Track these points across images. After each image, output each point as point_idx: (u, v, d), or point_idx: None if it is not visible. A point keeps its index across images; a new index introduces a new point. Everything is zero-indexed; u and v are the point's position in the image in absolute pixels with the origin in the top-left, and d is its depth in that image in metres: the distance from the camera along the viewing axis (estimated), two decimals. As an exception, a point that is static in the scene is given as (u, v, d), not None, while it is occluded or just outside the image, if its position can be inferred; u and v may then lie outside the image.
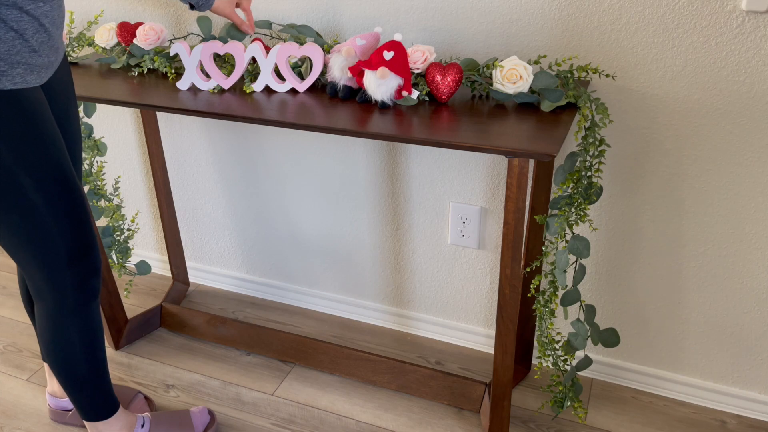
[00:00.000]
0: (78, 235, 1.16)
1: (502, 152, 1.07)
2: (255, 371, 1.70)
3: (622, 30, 1.28)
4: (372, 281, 1.81)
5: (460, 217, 1.60)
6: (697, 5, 1.21)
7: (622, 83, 1.32)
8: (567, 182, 1.23)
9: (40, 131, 1.08)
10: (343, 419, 1.55)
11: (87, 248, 1.19)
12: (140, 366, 1.72)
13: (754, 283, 1.40)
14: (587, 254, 1.24)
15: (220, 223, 1.94)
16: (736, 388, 1.52)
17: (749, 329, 1.45)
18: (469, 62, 1.30)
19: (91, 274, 1.22)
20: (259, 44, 1.33)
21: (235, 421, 1.54)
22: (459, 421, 1.53)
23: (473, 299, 1.71)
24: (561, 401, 1.40)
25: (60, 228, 1.13)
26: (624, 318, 1.56)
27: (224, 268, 2.02)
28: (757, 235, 1.36)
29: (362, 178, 1.67)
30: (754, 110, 1.25)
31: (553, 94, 1.21)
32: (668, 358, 1.56)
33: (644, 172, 1.39)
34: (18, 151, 1.06)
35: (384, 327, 1.86)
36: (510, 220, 1.16)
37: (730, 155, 1.31)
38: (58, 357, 1.27)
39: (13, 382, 1.68)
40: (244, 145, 1.77)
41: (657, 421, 1.51)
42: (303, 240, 1.84)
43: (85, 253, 1.19)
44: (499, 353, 1.30)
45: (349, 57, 1.25)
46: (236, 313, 1.93)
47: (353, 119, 1.19)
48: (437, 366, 1.70)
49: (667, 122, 1.32)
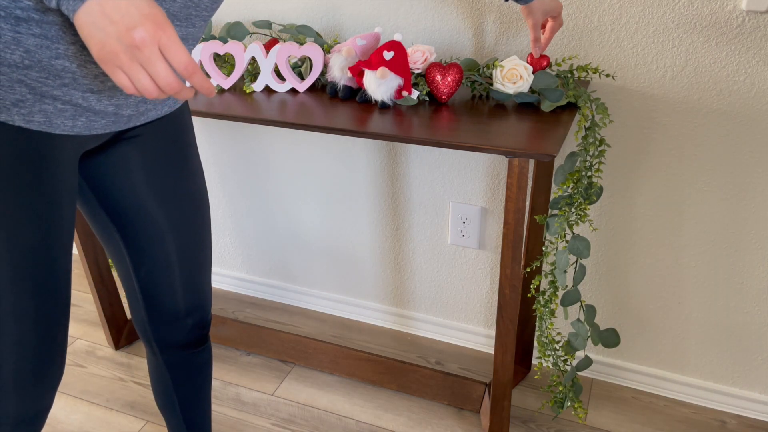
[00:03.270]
0: (39, 354, 0.83)
1: (502, 152, 1.07)
2: (255, 371, 1.70)
3: (622, 30, 1.28)
4: (372, 281, 1.81)
5: (460, 217, 1.60)
6: (697, 5, 1.20)
7: (622, 83, 1.32)
8: (567, 182, 1.23)
9: (28, 201, 0.75)
10: (343, 419, 1.55)
11: (44, 376, 0.85)
12: (140, 366, 1.72)
13: (754, 283, 1.40)
14: (587, 254, 1.24)
15: (220, 223, 1.94)
16: (736, 388, 1.52)
17: (749, 329, 1.45)
18: (469, 62, 1.30)
19: (42, 414, 0.88)
20: (258, 44, 1.33)
21: (235, 421, 1.54)
22: (459, 421, 1.53)
23: (473, 299, 1.71)
24: (561, 401, 1.40)
25: (14, 338, 0.80)
26: (624, 318, 1.56)
27: (224, 268, 2.02)
28: (757, 235, 1.35)
29: (362, 178, 1.67)
30: (754, 110, 1.25)
31: (553, 94, 1.21)
32: (668, 358, 1.56)
33: (644, 172, 1.39)
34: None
35: (384, 327, 1.86)
36: (510, 220, 1.16)
37: (730, 155, 1.31)
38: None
39: (13, 382, 1.68)
40: (244, 145, 1.77)
41: (657, 421, 1.51)
42: (303, 240, 1.84)
43: (40, 380, 0.85)
44: (499, 353, 1.30)
45: (349, 57, 1.25)
46: (236, 313, 1.93)
47: (353, 119, 1.19)
48: (437, 366, 1.70)
49: (667, 122, 1.32)
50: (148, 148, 0.90)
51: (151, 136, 0.91)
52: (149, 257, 0.97)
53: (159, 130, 0.91)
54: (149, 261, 0.97)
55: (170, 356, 1.10)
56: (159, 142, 0.92)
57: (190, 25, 0.81)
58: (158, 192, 0.93)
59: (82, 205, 0.95)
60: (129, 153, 0.89)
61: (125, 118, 0.82)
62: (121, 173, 0.90)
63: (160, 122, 0.91)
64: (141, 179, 0.91)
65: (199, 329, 1.09)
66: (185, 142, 0.95)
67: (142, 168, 0.91)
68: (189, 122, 0.97)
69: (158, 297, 1.01)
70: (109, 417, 1.57)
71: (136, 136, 0.89)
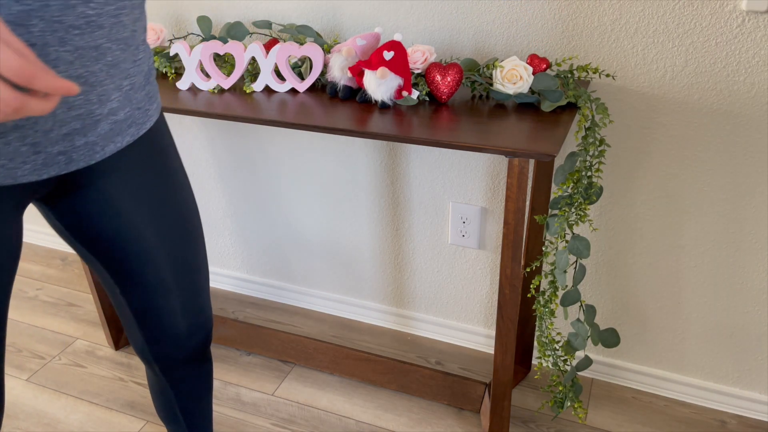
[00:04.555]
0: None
1: (502, 152, 1.07)
2: (255, 371, 1.70)
3: (622, 30, 1.28)
4: (372, 281, 1.81)
5: (460, 217, 1.60)
6: (697, 5, 1.20)
7: (622, 83, 1.32)
8: (567, 182, 1.23)
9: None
10: (343, 419, 1.55)
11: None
12: (140, 366, 1.72)
13: (754, 283, 1.40)
14: (587, 254, 1.24)
15: (220, 223, 1.94)
16: (736, 388, 1.52)
17: (749, 329, 1.45)
18: (469, 62, 1.30)
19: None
20: (258, 44, 1.33)
21: (235, 421, 1.54)
22: (459, 421, 1.53)
23: (473, 299, 1.71)
24: (561, 401, 1.40)
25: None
26: (624, 318, 1.56)
27: (224, 268, 2.02)
28: (757, 235, 1.35)
29: (362, 178, 1.67)
30: (754, 110, 1.25)
31: (553, 95, 1.21)
32: (668, 358, 1.56)
33: (644, 172, 1.39)
34: None
35: (384, 327, 1.86)
36: (510, 220, 1.16)
37: (730, 155, 1.31)
38: None
39: (13, 382, 1.68)
40: (244, 145, 1.77)
41: (657, 421, 1.51)
42: (303, 240, 1.84)
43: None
44: (499, 353, 1.30)
45: (349, 57, 1.25)
46: (236, 313, 1.93)
47: (353, 119, 1.19)
48: (437, 366, 1.70)
49: (667, 122, 1.32)
50: (128, 176, 0.82)
51: (129, 162, 0.82)
52: (142, 285, 0.91)
53: (136, 153, 0.82)
54: (142, 288, 0.91)
55: (172, 373, 1.06)
56: (138, 166, 0.83)
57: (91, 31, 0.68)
58: (147, 218, 0.86)
59: (67, 242, 0.89)
60: (107, 187, 0.81)
61: (63, 157, 0.72)
62: (105, 211, 0.82)
63: (133, 146, 0.82)
64: (127, 209, 0.84)
65: (202, 345, 1.05)
66: (166, 155, 0.87)
67: (126, 199, 0.83)
68: (166, 131, 0.88)
69: (156, 321, 0.96)
70: (109, 417, 1.57)
71: (113, 168, 0.80)
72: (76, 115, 0.70)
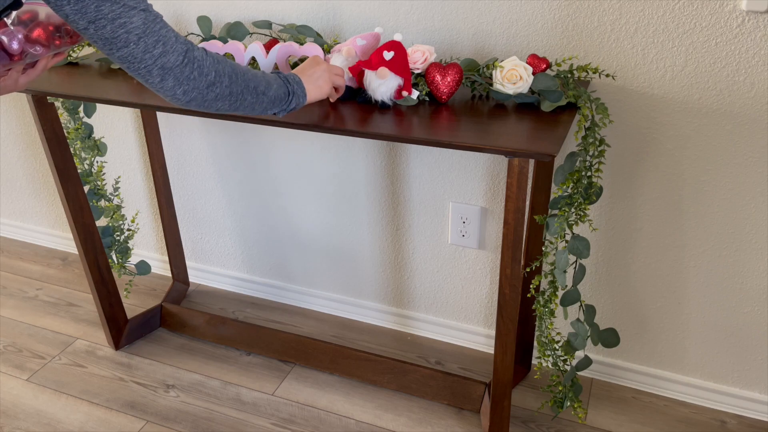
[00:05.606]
0: None
1: (502, 152, 1.07)
2: (255, 371, 1.70)
3: (622, 30, 1.28)
4: (372, 281, 1.81)
5: (460, 217, 1.60)
6: (697, 5, 1.20)
7: (622, 83, 1.32)
8: (567, 182, 1.23)
9: None
10: (343, 419, 1.55)
11: None
12: (140, 366, 1.72)
13: (754, 283, 1.40)
14: (587, 254, 1.24)
15: (220, 223, 1.94)
16: (736, 388, 1.52)
17: (749, 329, 1.45)
18: (469, 62, 1.30)
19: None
20: (258, 44, 1.33)
21: (235, 421, 1.54)
22: (459, 421, 1.53)
23: (473, 299, 1.71)
24: (561, 401, 1.40)
25: None
26: (624, 318, 1.56)
27: (224, 268, 2.02)
28: (757, 235, 1.35)
29: (362, 178, 1.67)
30: (754, 110, 1.25)
31: (553, 95, 1.21)
32: (668, 358, 1.56)
33: (644, 172, 1.39)
34: None
35: (384, 327, 1.86)
36: (510, 220, 1.16)
37: (730, 155, 1.31)
38: None
39: (13, 382, 1.68)
40: (243, 145, 1.77)
41: (657, 421, 1.51)
42: (303, 240, 1.84)
43: None
44: (499, 353, 1.30)
45: (349, 57, 1.25)
46: (236, 313, 1.93)
47: (353, 119, 1.19)
48: (437, 366, 1.70)
49: (667, 122, 1.32)
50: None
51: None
52: None
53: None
54: None
55: None
56: None
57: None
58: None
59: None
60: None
61: None
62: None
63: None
64: None
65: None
66: None
67: None
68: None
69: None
70: (109, 417, 1.57)
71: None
72: None
